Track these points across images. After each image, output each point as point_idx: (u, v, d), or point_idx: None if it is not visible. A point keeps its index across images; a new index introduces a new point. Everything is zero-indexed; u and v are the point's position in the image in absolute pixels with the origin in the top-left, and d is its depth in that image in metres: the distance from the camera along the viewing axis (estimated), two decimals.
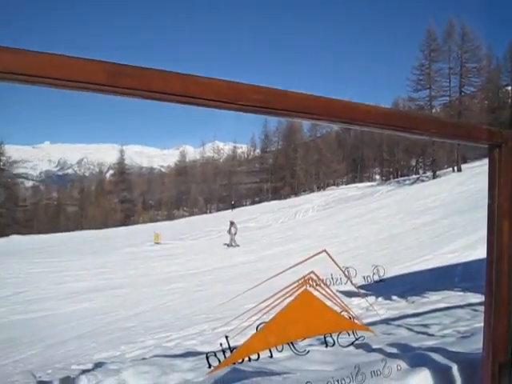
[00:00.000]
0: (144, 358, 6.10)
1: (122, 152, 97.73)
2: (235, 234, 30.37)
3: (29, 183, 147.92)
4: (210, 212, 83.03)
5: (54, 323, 11.97)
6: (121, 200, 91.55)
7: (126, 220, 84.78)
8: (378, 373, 2.08)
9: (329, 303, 1.81)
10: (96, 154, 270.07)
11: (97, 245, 36.72)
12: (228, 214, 58.23)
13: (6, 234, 58.69)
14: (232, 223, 30.99)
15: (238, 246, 29.38)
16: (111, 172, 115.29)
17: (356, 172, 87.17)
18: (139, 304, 13.46)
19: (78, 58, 1.51)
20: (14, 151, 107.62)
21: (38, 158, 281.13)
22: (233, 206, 70.91)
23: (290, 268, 1.84)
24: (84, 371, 5.58)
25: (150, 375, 4.65)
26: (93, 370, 5.58)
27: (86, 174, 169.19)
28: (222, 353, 1.64)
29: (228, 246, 29.79)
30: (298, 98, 1.69)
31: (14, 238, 53.03)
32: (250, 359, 1.70)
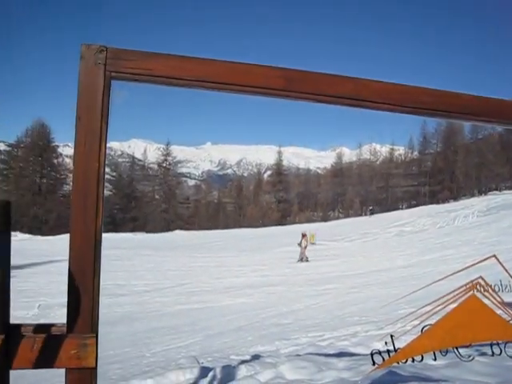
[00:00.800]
0: (298, 355, 6.17)
1: (279, 153, 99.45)
2: (305, 247, 27.58)
3: (191, 182, 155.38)
4: (366, 214, 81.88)
5: (213, 315, 12.43)
6: (278, 200, 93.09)
7: (283, 220, 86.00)
8: None
9: (497, 310, 1.75)
10: (254, 155, 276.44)
11: (254, 243, 37.62)
12: (367, 219, 57.27)
13: (171, 229, 62.29)
14: (303, 235, 28.47)
15: (307, 261, 26.27)
16: (269, 172, 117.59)
17: None
18: (294, 302, 13.61)
19: (259, 66, 1.61)
20: (179, 152, 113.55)
21: (201, 158, 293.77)
22: (371, 212, 68.37)
23: (455, 273, 1.80)
24: (243, 361, 5.78)
25: (307, 371, 4.72)
26: (251, 361, 5.77)
27: (245, 174, 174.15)
28: (386, 352, 1.66)
29: (298, 261, 26.56)
30: (471, 99, 1.66)
31: (178, 233, 55.99)
32: (413, 360, 1.70)
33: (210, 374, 5.21)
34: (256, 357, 6.32)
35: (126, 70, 1.59)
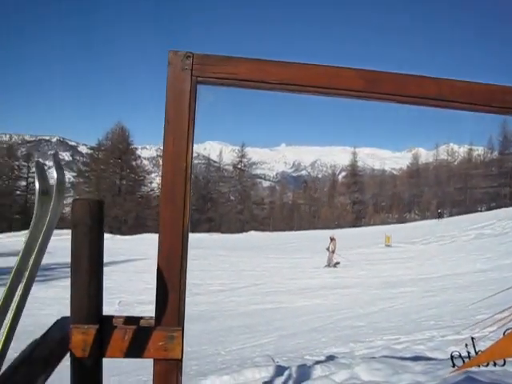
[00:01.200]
0: (373, 357, 6.13)
1: (354, 154, 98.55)
2: (333, 251, 25.83)
3: (266, 183, 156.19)
4: (443, 217, 79.71)
5: (287, 316, 12.48)
6: (352, 201, 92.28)
7: (357, 221, 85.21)
8: None
9: None
10: (329, 156, 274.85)
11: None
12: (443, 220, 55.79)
13: (245, 230, 62.79)
14: (332, 239, 26.75)
15: (334, 267, 24.58)
16: (343, 174, 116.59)
17: None
18: (368, 304, 13.49)
19: (340, 67, 1.65)
20: (253, 153, 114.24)
21: (275, 159, 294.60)
22: (439, 215, 64.99)
23: None
24: (317, 362, 5.80)
25: (382, 373, 4.69)
26: (325, 361, 5.78)
27: (319, 176, 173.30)
28: (467, 354, 1.64)
29: (325, 266, 24.77)
30: None
31: (252, 233, 56.35)
32: (495, 364, 1.68)
33: (286, 373, 5.26)
34: (330, 358, 6.32)
35: (211, 74, 1.66)
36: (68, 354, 1.69)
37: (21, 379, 1.38)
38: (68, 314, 1.89)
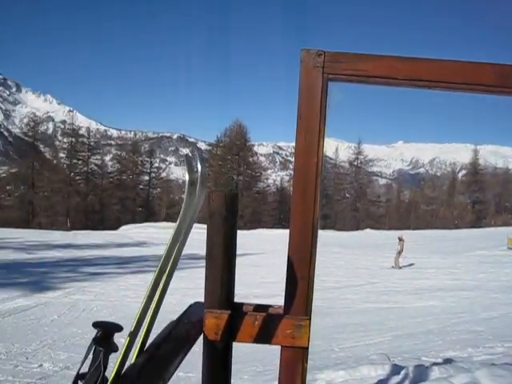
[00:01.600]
0: (493, 364, 5.91)
1: (475, 151, 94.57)
2: (400, 252, 24.51)
3: (382, 181, 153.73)
4: None
5: (402, 316, 12.29)
6: (473, 201, 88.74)
7: (478, 222, 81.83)
8: None
9: None
10: (448, 154, 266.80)
11: (447, 245, 36.34)
12: None
13: (360, 228, 62.35)
14: (400, 239, 25.22)
15: (400, 268, 23.18)
16: (463, 172, 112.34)
17: None
18: (488, 309, 13.01)
19: (468, 62, 1.64)
20: (370, 150, 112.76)
21: (392, 157, 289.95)
22: None
23: None
24: (434, 364, 5.69)
25: (505, 380, 4.53)
26: (443, 364, 5.65)
27: (438, 174, 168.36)
28: None
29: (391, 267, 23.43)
30: None
31: (368, 231, 55.83)
32: None
33: (402, 372, 5.21)
34: (448, 361, 6.17)
35: (341, 71, 1.70)
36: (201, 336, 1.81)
37: (164, 354, 1.51)
38: (187, 302, 2.02)
